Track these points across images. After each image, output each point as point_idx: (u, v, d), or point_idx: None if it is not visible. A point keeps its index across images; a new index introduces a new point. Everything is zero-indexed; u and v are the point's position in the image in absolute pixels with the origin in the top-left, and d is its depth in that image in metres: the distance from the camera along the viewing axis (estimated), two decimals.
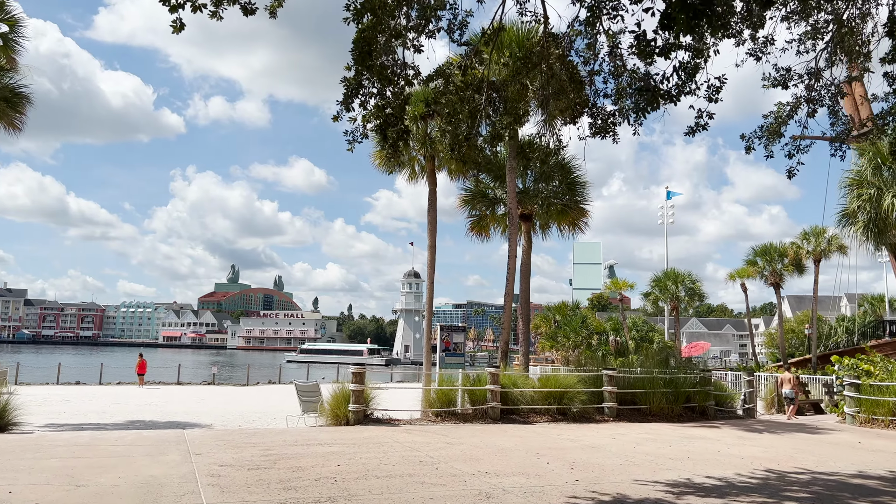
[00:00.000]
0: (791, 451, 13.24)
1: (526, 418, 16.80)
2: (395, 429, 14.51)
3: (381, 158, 21.08)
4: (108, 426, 16.48)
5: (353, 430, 14.29)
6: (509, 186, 19.59)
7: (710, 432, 15.95)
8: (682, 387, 18.57)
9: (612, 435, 14.72)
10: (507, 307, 19.70)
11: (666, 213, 47.77)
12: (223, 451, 11.07)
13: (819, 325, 71.26)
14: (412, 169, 22.09)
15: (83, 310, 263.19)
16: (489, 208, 23.45)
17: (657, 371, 18.83)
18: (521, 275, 21.50)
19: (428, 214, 21.02)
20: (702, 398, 18.98)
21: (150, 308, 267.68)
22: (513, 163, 19.54)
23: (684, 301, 44.64)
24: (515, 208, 19.77)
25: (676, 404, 18.35)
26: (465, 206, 23.52)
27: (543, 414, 17.16)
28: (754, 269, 43.07)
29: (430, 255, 20.84)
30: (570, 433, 14.83)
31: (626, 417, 17.78)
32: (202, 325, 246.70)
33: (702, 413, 18.95)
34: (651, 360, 32.30)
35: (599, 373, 18.15)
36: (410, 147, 20.79)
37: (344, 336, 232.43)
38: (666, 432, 15.49)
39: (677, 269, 45.02)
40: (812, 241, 41.78)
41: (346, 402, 15.28)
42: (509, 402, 16.87)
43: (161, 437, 12.80)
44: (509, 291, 19.69)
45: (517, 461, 10.92)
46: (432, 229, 20.98)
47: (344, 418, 15.16)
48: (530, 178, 22.88)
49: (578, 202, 22.46)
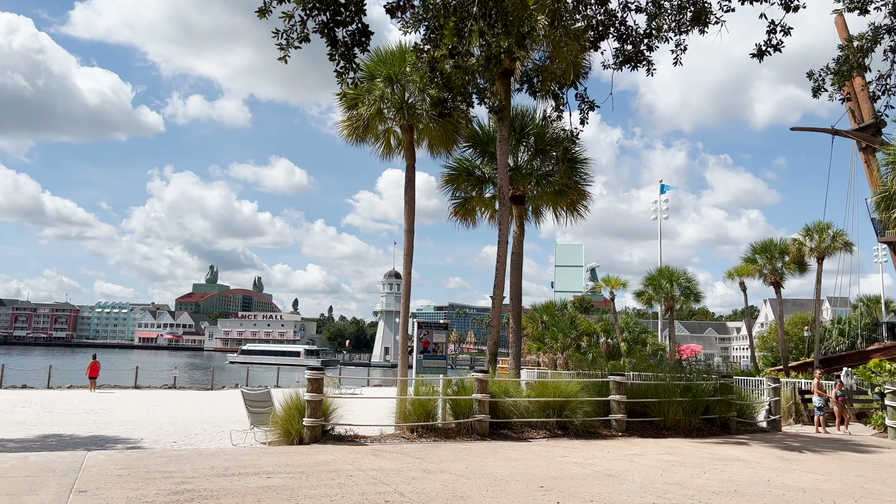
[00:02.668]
0: (857, 481, 10.53)
1: (520, 434, 13.99)
2: (360, 449, 11.64)
3: (349, 127, 18.14)
4: (8, 443, 13.46)
5: (307, 451, 11.40)
6: (500, 160, 16.72)
7: (743, 451, 13.24)
8: (700, 395, 15.87)
9: (628, 456, 11.97)
10: (497, 301, 16.87)
11: (660, 208, 45.26)
12: (120, 487, 8.16)
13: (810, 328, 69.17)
14: (387, 142, 19.15)
15: (56, 310, 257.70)
16: (476, 189, 20.53)
17: (672, 377, 16.08)
18: (512, 265, 18.71)
19: (405, 194, 18.12)
20: (723, 408, 16.27)
21: (126, 309, 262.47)
22: (504, 132, 16.68)
23: (679, 301, 42.07)
24: (507, 185, 16.88)
25: (694, 416, 15.63)
26: (448, 185, 20.51)
27: (540, 428, 14.36)
28: (754, 267, 40.65)
29: (406, 242, 17.97)
30: (575, 454, 12.05)
31: (636, 432, 15.03)
32: (179, 327, 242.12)
33: (723, 426, 16.25)
34: (642, 361, 29.91)
35: (606, 379, 15.40)
36: (384, 115, 17.86)
37: (323, 338, 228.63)
38: (690, 452, 12.75)
39: (672, 267, 42.44)
40: (815, 238, 39.43)
41: (299, 416, 12.39)
42: (500, 414, 14.06)
43: (51, 462, 9.83)
44: (499, 283, 16.86)
45: (518, 501, 8.11)
46: (409, 211, 18.09)
47: (297, 435, 12.26)
48: (524, 155, 20.02)
49: (578, 182, 19.64)
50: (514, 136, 18.98)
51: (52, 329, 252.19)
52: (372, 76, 17.73)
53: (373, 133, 18.43)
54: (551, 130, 18.45)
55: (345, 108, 17.97)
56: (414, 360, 14.17)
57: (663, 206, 45.05)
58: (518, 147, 19.73)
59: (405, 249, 17.90)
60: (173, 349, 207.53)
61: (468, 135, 19.07)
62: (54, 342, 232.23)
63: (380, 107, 17.16)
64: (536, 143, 19.30)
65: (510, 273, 18.58)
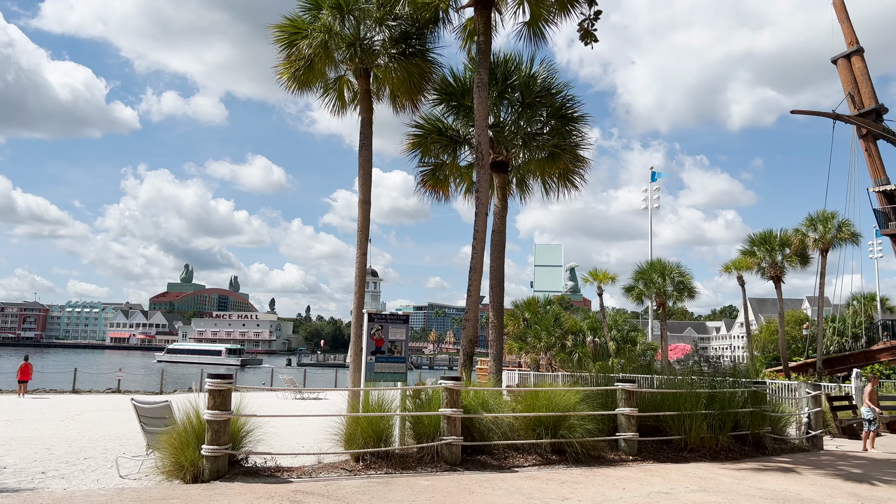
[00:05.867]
0: None
1: (502, 461, 10.60)
2: (277, 491, 8.20)
3: (288, 71, 14.47)
4: None
5: (200, 495, 7.93)
6: (478, 111, 13.17)
7: (797, 484, 9.97)
8: (729, 406, 12.59)
9: (652, 496, 8.65)
10: (474, 287, 13.36)
11: (650, 196, 42.14)
12: None
13: (796, 328, 66.56)
14: (339, 93, 15.53)
15: (25, 309, 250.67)
16: (449, 152, 16.86)
17: (694, 383, 12.77)
18: (493, 245, 15.31)
19: (360, 156, 14.50)
20: (756, 422, 13.00)
21: (98, 308, 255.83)
22: (484, 75, 13.18)
23: (672, 297, 38.94)
24: (487, 142, 13.38)
25: (722, 433, 12.35)
26: (415, 149, 16.76)
27: (529, 452, 10.99)
28: (752, 259, 37.60)
29: (361, 215, 14.38)
30: (580, 493, 8.70)
31: (650, 454, 11.73)
32: (152, 327, 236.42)
33: (756, 444, 12.98)
34: (632, 362, 26.53)
35: (612, 387, 12.06)
36: (333, 56, 14.23)
37: (300, 338, 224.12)
38: (732, 487, 9.46)
39: (664, 260, 39.27)
40: (819, 228, 36.51)
41: (197, 441, 8.92)
42: (476, 435, 10.67)
43: None
44: (476, 265, 13.38)
45: None
46: (365, 176, 14.52)
47: (192, 469, 8.79)
48: (507, 113, 16.50)
49: (574, 144, 16.19)
50: (494, 88, 15.50)
51: (21, 329, 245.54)
52: (317, 4, 14.17)
53: (320, 79, 14.83)
54: (541, 79, 15.09)
55: (283, 45, 14.35)
56: (363, 363, 10.71)
57: (654, 193, 41.96)
58: (500, 102, 16.16)
59: (359, 223, 14.33)
60: (146, 349, 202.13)
61: (439, 84, 15.52)
62: (22, 342, 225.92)
63: (325, 41, 13.53)
64: (523, 97, 15.75)
65: (490, 255, 15.19)
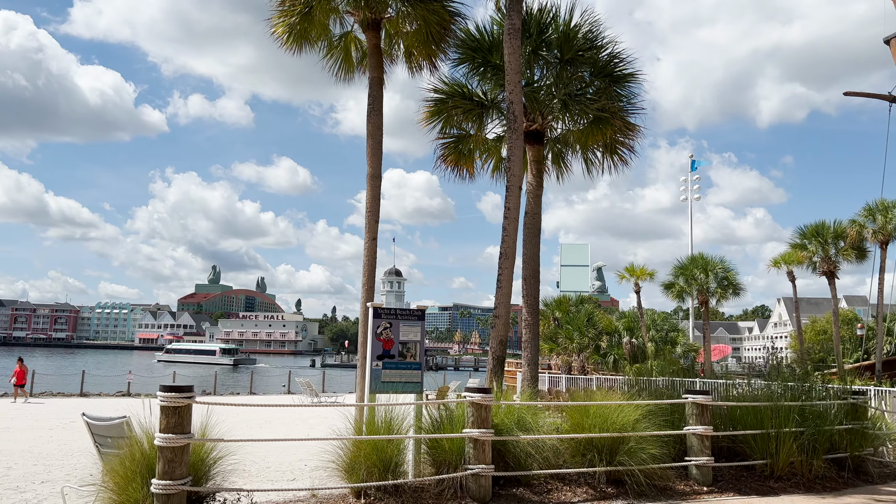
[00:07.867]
0: None
1: (544, 495, 8.28)
2: None
3: (284, 23, 12.22)
4: None
5: None
6: (509, 64, 10.65)
7: None
8: (822, 423, 10.13)
9: None
10: (506, 278, 10.96)
11: (690, 186, 39.39)
12: None
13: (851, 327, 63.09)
14: (345, 52, 13.25)
15: (56, 311, 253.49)
16: (474, 121, 14.37)
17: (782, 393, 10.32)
18: (526, 230, 12.97)
19: (368, 122, 12.17)
20: (855, 443, 10.52)
21: (127, 309, 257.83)
22: (516, 21, 10.69)
23: (716, 294, 36.13)
24: (519, 101, 10.94)
25: (816, 456, 9.88)
26: (433, 118, 14.08)
27: (578, 484, 8.65)
28: (804, 253, 34.68)
29: (369, 192, 12.07)
30: None
31: (730, 484, 9.33)
32: (180, 328, 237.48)
33: (856, 470, 10.49)
34: (671, 364, 23.80)
35: (680, 400, 9.67)
36: (336, 6, 11.99)
37: (326, 339, 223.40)
38: None
39: (706, 255, 36.45)
40: (879, 219, 33.47)
41: (148, 473, 6.75)
42: (511, 462, 8.36)
43: None
44: (508, 251, 10.97)
45: None
46: (375, 147, 12.19)
47: None
48: (542, 73, 14.02)
49: (622, 108, 13.50)
50: (528, 43, 13.07)
51: (52, 330, 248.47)
52: None
53: (322, 35, 12.57)
54: (583, 33, 12.66)
55: None
56: (368, 370, 8.46)
57: (694, 184, 39.23)
58: (534, 60, 13.66)
59: (367, 203, 12.03)
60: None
61: (462, 40, 13.15)
62: (54, 343, 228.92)
63: None
64: (562, 52, 13.18)
65: (522, 241, 12.83)
